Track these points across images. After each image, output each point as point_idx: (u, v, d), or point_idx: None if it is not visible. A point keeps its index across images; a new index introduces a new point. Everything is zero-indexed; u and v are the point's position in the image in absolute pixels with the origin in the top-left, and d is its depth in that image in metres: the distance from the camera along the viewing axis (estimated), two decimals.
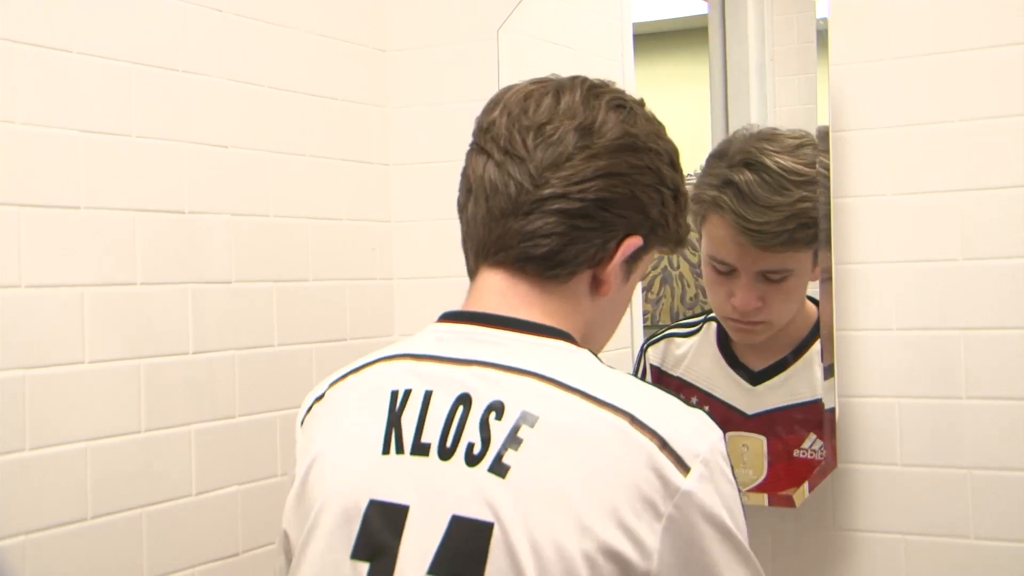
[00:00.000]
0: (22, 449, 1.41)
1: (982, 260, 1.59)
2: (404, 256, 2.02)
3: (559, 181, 1.13)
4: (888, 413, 1.64)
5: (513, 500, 1.05)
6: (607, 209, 1.14)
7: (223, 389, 1.68)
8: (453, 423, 1.10)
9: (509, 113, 1.19)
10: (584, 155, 1.14)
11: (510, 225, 1.14)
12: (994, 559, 1.58)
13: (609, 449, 1.05)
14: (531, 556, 1.03)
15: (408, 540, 1.08)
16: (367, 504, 1.10)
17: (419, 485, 1.09)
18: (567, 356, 1.12)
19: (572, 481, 1.05)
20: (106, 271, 1.52)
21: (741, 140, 1.69)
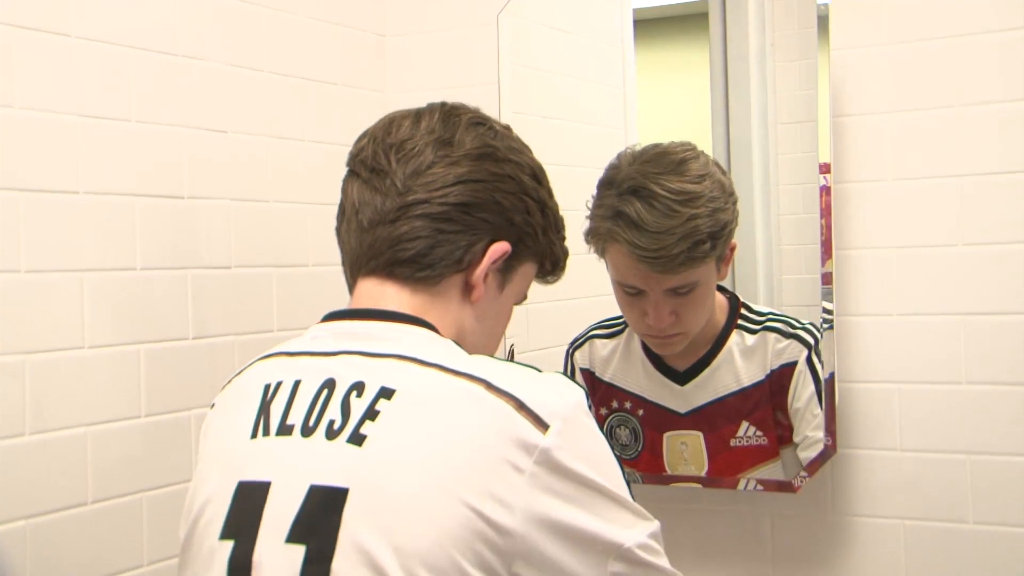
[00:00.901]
0: (22, 434, 1.41)
1: (982, 245, 1.59)
2: None
3: (421, 188, 1.19)
4: (888, 398, 1.64)
5: (369, 465, 1.07)
6: (469, 213, 1.19)
7: (223, 374, 1.67)
8: (317, 405, 1.13)
9: (374, 138, 1.25)
10: (444, 163, 1.19)
11: (379, 233, 1.20)
12: (993, 544, 1.58)
13: (465, 413, 1.08)
14: (386, 515, 1.04)
15: (268, 513, 1.10)
16: (236, 486, 1.13)
17: (281, 462, 1.12)
18: (429, 340, 1.16)
19: (428, 445, 1.07)
20: (106, 256, 1.52)
21: (627, 165, 1.67)
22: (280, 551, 1.07)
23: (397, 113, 1.28)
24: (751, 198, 1.83)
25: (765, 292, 1.83)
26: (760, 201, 1.82)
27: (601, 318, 1.87)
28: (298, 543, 1.07)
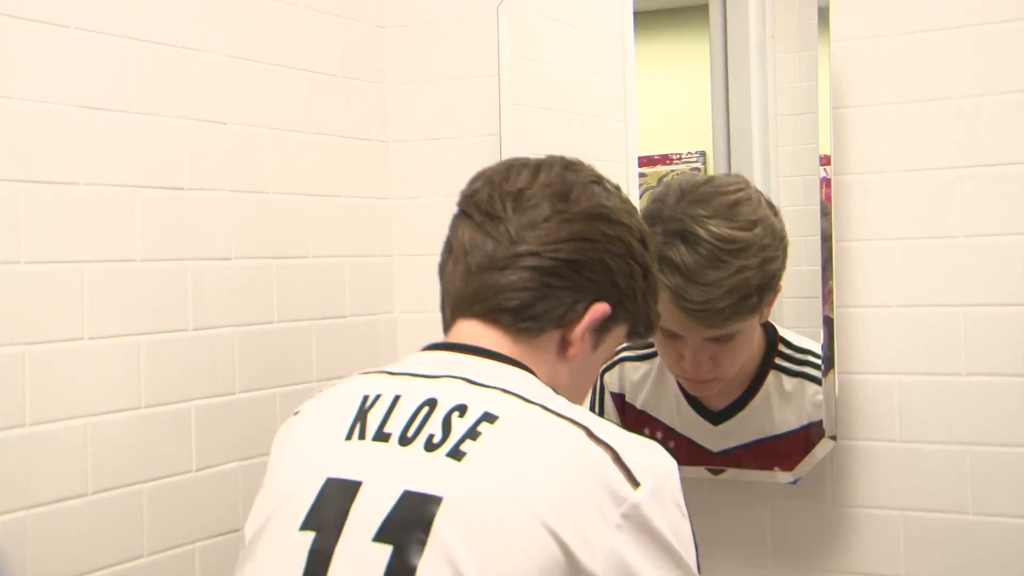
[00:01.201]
0: (22, 425, 1.41)
1: (982, 237, 1.59)
2: (403, 233, 2.01)
3: (534, 240, 1.20)
4: (887, 390, 1.64)
5: (466, 479, 1.08)
6: (578, 271, 1.21)
7: (223, 366, 1.68)
8: (417, 419, 1.15)
9: (491, 182, 1.26)
10: (559, 219, 1.21)
11: (486, 279, 1.21)
12: (993, 535, 1.58)
13: (564, 452, 1.09)
14: (477, 529, 1.05)
15: (357, 511, 1.11)
16: (323, 482, 1.14)
17: (375, 464, 1.13)
18: (530, 381, 1.18)
19: (526, 474, 1.08)
20: (105, 247, 1.52)
21: (674, 202, 1.60)
22: (366, 548, 1.08)
23: (516, 160, 1.30)
24: None
25: None
26: None
27: None
28: (385, 543, 1.07)
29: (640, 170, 1.95)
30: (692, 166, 1.94)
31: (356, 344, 1.93)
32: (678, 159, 1.95)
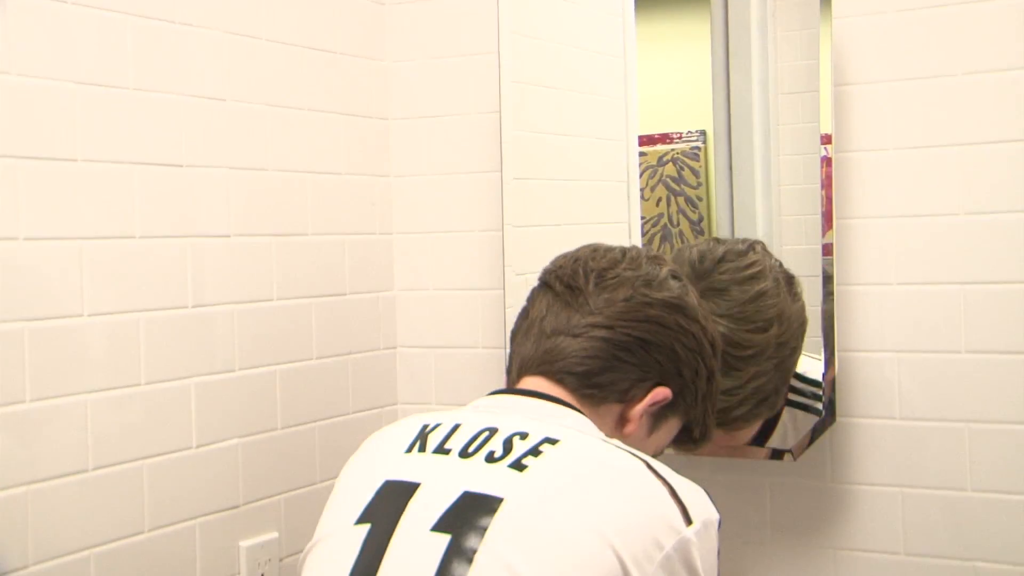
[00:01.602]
0: (23, 401, 1.41)
1: (983, 214, 1.58)
2: (404, 211, 2.01)
3: (611, 314, 1.26)
4: (887, 367, 1.64)
5: (529, 485, 1.11)
6: (647, 350, 1.26)
7: (222, 343, 1.68)
8: (477, 440, 1.19)
9: (576, 259, 1.34)
10: (638, 301, 1.27)
11: (559, 342, 1.26)
12: (991, 511, 1.58)
13: (625, 476, 1.14)
14: (538, 534, 1.07)
15: (414, 506, 1.13)
16: (381, 483, 1.18)
17: (434, 470, 1.17)
18: (590, 424, 1.23)
19: (587, 490, 1.12)
20: (104, 224, 1.52)
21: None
22: (423, 537, 1.10)
23: (602, 244, 1.37)
24: (751, 169, 1.83)
25: None
26: (760, 172, 1.82)
27: None
28: (443, 532, 1.09)
29: (640, 149, 1.95)
30: (692, 145, 1.94)
31: (356, 321, 1.93)
32: (678, 138, 1.95)
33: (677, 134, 1.95)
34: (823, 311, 1.65)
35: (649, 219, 1.95)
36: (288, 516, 1.77)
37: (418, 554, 1.09)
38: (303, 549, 1.75)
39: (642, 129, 1.95)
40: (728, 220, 1.86)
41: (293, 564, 1.77)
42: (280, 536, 1.75)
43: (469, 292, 1.95)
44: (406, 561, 1.10)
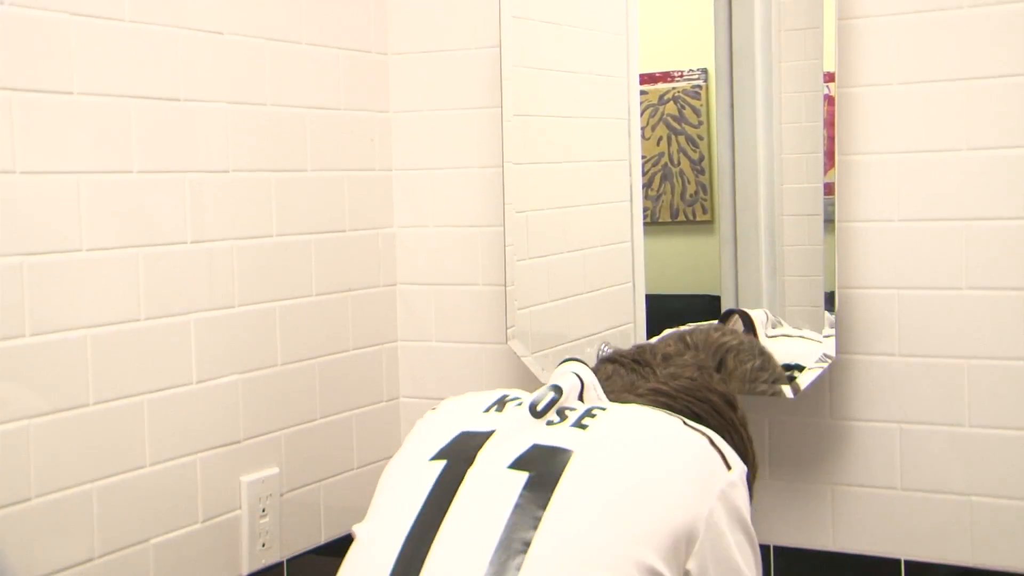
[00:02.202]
0: (22, 335, 1.40)
1: (986, 150, 1.57)
2: (403, 147, 2.00)
3: (676, 387, 1.36)
4: (887, 304, 1.64)
5: (593, 441, 1.20)
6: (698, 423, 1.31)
7: (222, 279, 1.67)
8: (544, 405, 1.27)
9: (642, 345, 1.51)
10: (702, 384, 1.38)
11: (622, 397, 1.34)
12: (988, 446, 1.59)
13: (668, 431, 1.23)
14: (606, 478, 1.16)
15: (489, 448, 1.21)
16: (457, 433, 1.26)
17: (507, 424, 1.25)
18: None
19: (646, 442, 1.21)
20: (101, 158, 1.50)
21: None
22: (500, 472, 1.17)
23: (665, 343, 1.53)
24: (753, 107, 1.82)
25: (766, 202, 1.82)
26: (762, 110, 1.81)
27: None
28: (521, 470, 1.16)
29: (641, 87, 1.94)
30: (693, 84, 1.93)
31: (355, 258, 1.92)
32: (680, 76, 1.94)
33: (678, 72, 1.94)
34: (825, 249, 1.65)
35: (650, 158, 1.94)
36: (289, 452, 1.77)
37: (496, 487, 1.16)
38: (304, 484, 1.77)
39: (643, 67, 1.94)
40: (729, 159, 1.85)
41: (294, 499, 1.78)
42: (281, 471, 1.75)
43: (469, 229, 1.94)
44: (483, 493, 1.16)
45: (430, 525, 1.15)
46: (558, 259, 1.95)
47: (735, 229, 1.85)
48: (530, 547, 1.09)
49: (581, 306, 1.95)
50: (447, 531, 1.14)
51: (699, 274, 1.92)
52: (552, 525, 1.11)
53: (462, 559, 1.11)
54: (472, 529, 1.13)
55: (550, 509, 1.12)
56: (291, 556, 1.78)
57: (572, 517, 1.12)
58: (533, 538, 1.10)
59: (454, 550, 1.12)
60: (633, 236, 1.93)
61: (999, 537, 1.59)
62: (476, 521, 1.14)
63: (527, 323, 1.89)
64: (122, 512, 1.51)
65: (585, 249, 1.97)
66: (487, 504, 1.15)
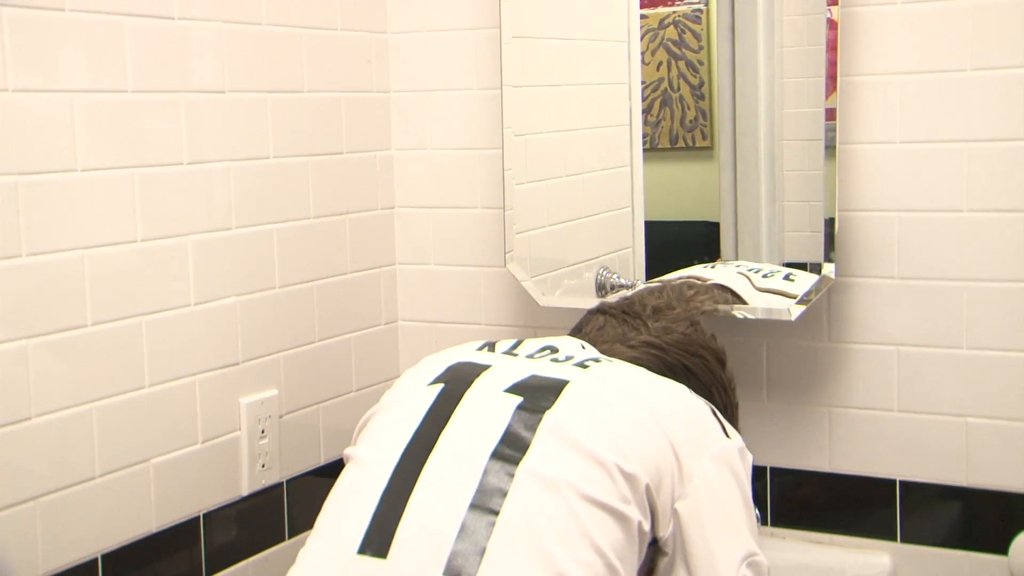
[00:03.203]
0: (19, 255, 1.40)
1: (989, 70, 1.56)
2: (400, 69, 1.97)
3: (666, 340, 1.37)
4: (887, 226, 1.64)
5: (592, 378, 1.22)
6: (690, 380, 1.34)
7: (219, 201, 1.66)
8: (538, 352, 1.29)
9: (634, 297, 1.49)
10: (694, 340, 1.40)
11: (613, 347, 1.35)
12: (985, 368, 1.60)
13: (672, 389, 1.25)
14: (604, 412, 1.17)
15: (486, 376, 1.23)
16: (454, 362, 1.27)
17: (503, 359, 1.27)
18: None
19: (641, 390, 1.22)
20: (95, 78, 1.49)
21: None
22: (496, 396, 1.20)
23: (656, 286, 1.56)
24: (754, 31, 1.80)
25: (766, 127, 1.81)
26: (764, 34, 1.79)
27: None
28: (516, 394, 1.19)
29: (641, 11, 1.91)
30: (694, 8, 1.90)
31: (353, 181, 1.91)
32: (680, 0, 1.91)
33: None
34: (825, 171, 1.64)
35: (649, 83, 1.92)
36: (287, 374, 1.78)
37: (490, 408, 1.18)
38: (302, 406, 1.78)
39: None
40: (729, 85, 1.84)
41: (292, 421, 1.79)
42: (280, 393, 1.76)
43: (468, 152, 1.93)
44: (478, 412, 1.18)
45: (426, 443, 1.17)
46: (557, 183, 1.94)
47: (735, 155, 1.84)
48: (518, 468, 1.11)
49: (580, 231, 1.94)
50: (440, 452, 1.15)
51: (698, 200, 1.91)
52: (540, 448, 1.13)
53: (452, 480, 1.13)
54: (465, 449, 1.15)
55: (540, 430, 1.14)
56: (291, 477, 1.80)
57: (562, 440, 1.14)
58: (521, 460, 1.12)
59: (446, 470, 1.14)
60: (632, 161, 1.92)
61: (994, 458, 1.60)
62: (469, 440, 1.16)
63: (525, 247, 1.88)
64: (122, 432, 1.52)
65: (584, 174, 1.96)
66: (481, 423, 1.17)
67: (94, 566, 1.49)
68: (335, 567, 1.12)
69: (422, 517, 1.10)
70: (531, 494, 1.10)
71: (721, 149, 1.85)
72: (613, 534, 1.10)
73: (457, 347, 1.35)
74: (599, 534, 1.09)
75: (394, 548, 1.08)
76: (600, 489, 1.11)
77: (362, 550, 1.10)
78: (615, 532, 1.10)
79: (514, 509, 1.09)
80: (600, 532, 1.09)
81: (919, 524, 1.66)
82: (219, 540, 1.67)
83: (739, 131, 1.83)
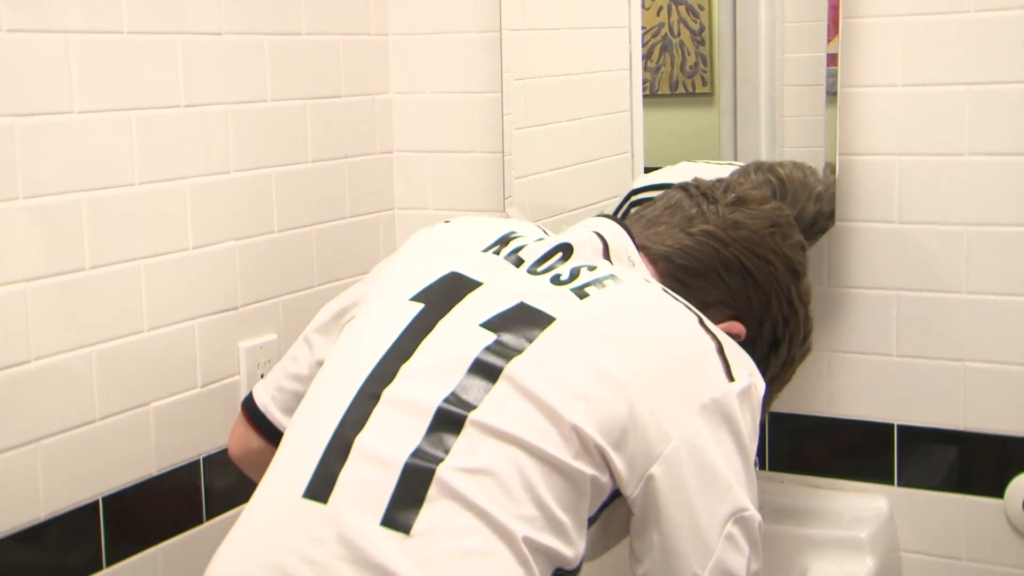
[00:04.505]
0: (15, 198, 1.39)
1: (995, 11, 1.54)
2: (398, 10, 1.95)
3: (732, 236, 1.28)
4: (888, 170, 1.63)
5: (584, 313, 1.14)
6: (746, 283, 1.27)
7: (216, 144, 1.65)
8: (550, 259, 1.21)
9: (723, 179, 1.38)
10: (767, 244, 1.29)
11: (672, 232, 1.28)
12: (984, 313, 1.60)
13: (675, 326, 1.16)
14: (578, 351, 1.10)
15: (469, 301, 1.16)
16: (447, 272, 1.19)
17: (500, 276, 1.19)
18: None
19: (637, 331, 1.14)
20: (90, 18, 1.47)
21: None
22: (470, 329, 1.12)
23: (753, 184, 1.45)
24: None
25: (767, 72, 1.80)
26: None
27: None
28: (491, 331, 1.12)
29: None
30: None
31: (352, 125, 1.90)
32: None
33: None
34: (826, 114, 1.63)
35: (649, 29, 1.91)
36: (287, 318, 1.78)
37: (461, 342, 1.11)
38: None
39: None
40: (730, 30, 1.83)
41: None
42: (279, 338, 1.76)
43: (466, 96, 1.92)
44: (447, 346, 1.12)
45: (384, 379, 1.11)
46: (556, 128, 1.93)
47: (735, 101, 1.83)
48: (467, 419, 1.06)
49: (579, 176, 1.94)
50: (394, 393, 1.10)
51: (698, 146, 1.90)
52: (495, 398, 1.07)
53: (400, 426, 1.08)
54: (418, 393, 1.09)
55: (500, 380, 1.08)
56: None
57: (519, 392, 1.08)
58: (472, 411, 1.07)
59: (395, 415, 1.09)
60: (632, 107, 1.91)
61: (992, 402, 1.61)
62: (424, 382, 1.10)
63: (525, 192, 1.88)
64: (121, 376, 1.52)
65: (584, 119, 1.95)
66: (442, 366, 1.11)
67: (95, 508, 1.49)
68: (281, 512, 1.09)
69: (363, 466, 1.06)
70: (476, 446, 1.05)
71: (721, 95, 1.85)
72: (558, 488, 1.05)
73: (473, 229, 1.28)
74: (544, 489, 1.04)
75: (334, 495, 1.05)
76: (550, 444, 1.05)
77: (306, 494, 1.07)
78: (561, 487, 1.05)
79: (456, 463, 1.04)
80: (545, 487, 1.04)
81: (916, 468, 1.66)
82: (219, 483, 1.67)
83: (739, 77, 1.83)
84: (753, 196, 1.34)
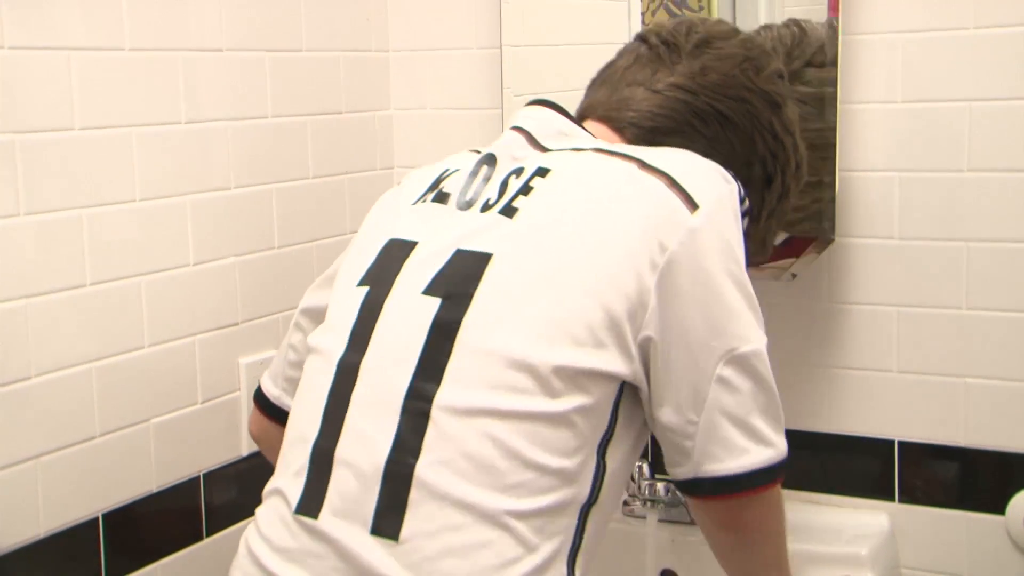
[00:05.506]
0: (16, 215, 1.39)
1: (994, 28, 1.54)
2: (399, 27, 1.96)
3: (700, 82, 1.18)
4: (887, 186, 1.63)
5: (516, 235, 1.10)
6: (724, 128, 1.19)
7: (217, 160, 1.66)
8: (475, 179, 1.17)
9: (686, 21, 1.25)
10: (739, 82, 1.20)
11: (635, 92, 1.19)
12: (984, 329, 1.59)
13: (616, 191, 1.09)
14: (523, 280, 1.07)
15: (408, 268, 1.14)
16: (386, 242, 1.17)
17: (432, 226, 1.16)
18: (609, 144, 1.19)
19: (576, 220, 1.09)
20: (91, 34, 1.47)
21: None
22: (415, 300, 1.10)
23: (716, 21, 1.34)
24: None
25: None
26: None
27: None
28: (434, 296, 1.09)
29: None
30: None
31: (352, 141, 1.90)
32: None
33: None
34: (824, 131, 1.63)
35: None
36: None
37: (409, 318, 1.10)
38: None
39: None
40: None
41: None
42: None
43: (467, 112, 1.92)
44: (397, 327, 1.10)
45: (348, 380, 1.11)
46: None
47: None
48: (432, 406, 1.04)
49: None
50: (359, 395, 1.09)
51: None
52: (455, 372, 1.05)
53: (372, 430, 1.07)
54: (382, 390, 1.08)
55: (455, 348, 1.05)
56: None
57: (476, 354, 1.05)
58: (435, 394, 1.04)
59: (365, 420, 1.08)
60: None
61: (993, 418, 1.60)
62: (384, 378, 1.08)
63: None
64: (122, 392, 1.52)
65: None
66: (398, 350, 1.09)
67: (95, 524, 1.49)
68: (280, 530, 1.10)
69: (344, 479, 1.07)
70: (446, 431, 1.03)
71: None
72: (545, 436, 1.03)
73: (412, 182, 1.24)
74: (529, 448, 1.02)
75: (324, 510, 1.07)
76: (523, 398, 1.02)
77: (298, 511, 1.09)
78: (548, 434, 1.03)
79: (431, 457, 1.03)
80: (529, 445, 1.02)
81: (917, 485, 1.66)
82: (219, 500, 1.67)
83: None
84: (718, 32, 1.24)
